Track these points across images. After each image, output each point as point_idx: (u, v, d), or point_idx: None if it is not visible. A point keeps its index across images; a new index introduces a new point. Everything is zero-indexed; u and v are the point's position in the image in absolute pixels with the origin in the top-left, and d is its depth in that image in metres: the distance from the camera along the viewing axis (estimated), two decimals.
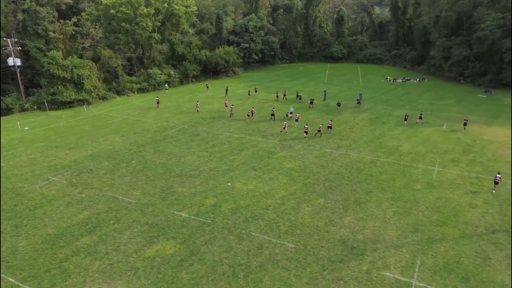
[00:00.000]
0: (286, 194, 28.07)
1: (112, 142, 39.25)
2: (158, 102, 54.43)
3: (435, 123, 45.09)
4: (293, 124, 44.66)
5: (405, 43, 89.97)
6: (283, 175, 31.43)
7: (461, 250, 21.43)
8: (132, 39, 62.75)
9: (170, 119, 47.80)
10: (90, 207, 26.32)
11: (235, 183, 30.00)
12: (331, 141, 39.48)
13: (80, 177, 31.08)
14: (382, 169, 32.52)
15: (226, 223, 24.24)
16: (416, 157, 35.06)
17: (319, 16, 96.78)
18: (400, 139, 39.91)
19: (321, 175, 31.24)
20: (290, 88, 65.83)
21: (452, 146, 37.67)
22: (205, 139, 40.11)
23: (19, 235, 23.12)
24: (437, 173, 31.60)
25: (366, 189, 28.85)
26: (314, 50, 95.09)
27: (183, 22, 69.19)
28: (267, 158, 34.97)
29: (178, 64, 70.12)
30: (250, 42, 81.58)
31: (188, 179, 30.70)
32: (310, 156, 35.36)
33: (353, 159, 34.56)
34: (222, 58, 72.60)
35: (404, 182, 29.90)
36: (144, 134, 41.81)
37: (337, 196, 27.72)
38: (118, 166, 33.39)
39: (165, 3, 64.93)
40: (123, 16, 60.92)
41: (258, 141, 39.39)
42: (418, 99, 57.81)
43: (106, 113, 50.81)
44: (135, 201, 27.12)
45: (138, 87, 62.31)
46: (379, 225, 23.94)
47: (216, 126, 44.74)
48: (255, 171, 32.23)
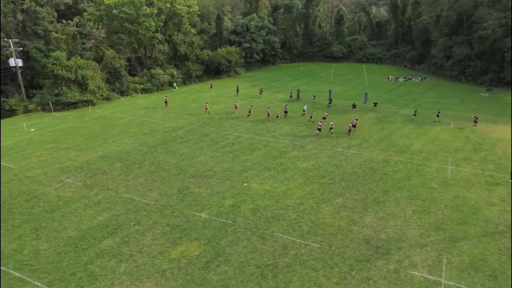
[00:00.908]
0: (303, 194, 28.06)
1: (122, 144, 38.92)
2: (166, 101, 54.19)
3: (442, 122, 45.40)
4: (309, 121, 45.70)
5: (404, 43, 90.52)
6: (298, 174, 31.41)
7: (485, 248, 21.59)
8: (135, 39, 62.30)
9: (177, 119, 47.54)
10: (108, 209, 26.07)
11: (251, 183, 29.92)
12: (341, 140, 39.56)
13: (95, 179, 30.77)
14: (396, 168, 32.66)
15: (247, 224, 24.15)
16: (428, 155, 35.26)
17: (319, 15, 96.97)
18: (410, 138, 40.12)
19: (336, 175, 31.28)
20: (293, 87, 65.84)
21: (462, 145, 37.96)
22: (215, 140, 39.95)
23: (40, 238, 22.82)
24: (451, 171, 31.81)
25: (382, 188, 28.94)
26: (314, 50, 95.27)
27: (185, 22, 68.87)
28: (280, 158, 34.93)
29: (181, 64, 69.77)
30: (252, 42, 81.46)
31: (203, 180, 30.55)
32: (322, 156, 35.40)
33: (365, 158, 34.66)
34: (224, 58, 72.41)
35: (419, 181, 30.05)
36: (153, 135, 41.53)
37: (355, 196, 27.77)
38: (131, 167, 33.12)
39: (168, 3, 64.59)
40: (125, 16, 60.46)
41: (269, 141, 39.34)
42: (422, 98, 58.18)
43: (112, 114, 50.39)
44: (153, 202, 26.92)
45: (142, 87, 61.88)
46: (400, 224, 24.03)
47: (224, 126, 44.59)
48: (269, 171, 32.17)
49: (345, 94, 60.05)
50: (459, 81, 68.57)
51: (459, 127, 43.52)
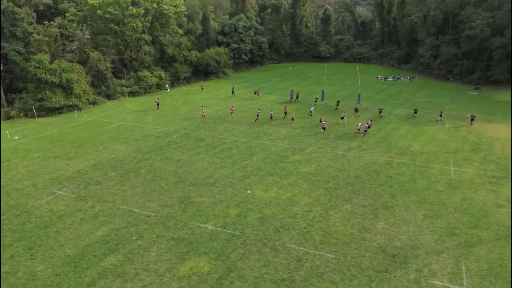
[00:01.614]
0: (310, 201, 27.19)
1: (114, 151, 37.16)
2: (158, 104, 52.56)
3: (437, 122, 45.44)
4: (318, 125, 44.00)
5: (390, 42, 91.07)
6: (301, 180, 30.54)
7: (501, 253, 21.21)
8: (121, 40, 60.16)
9: (169, 124, 45.96)
10: (107, 223, 24.52)
11: (254, 190, 28.86)
12: (340, 143, 38.94)
13: (88, 190, 29.06)
14: (399, 170, 32.22)
15: (256, 235, 23.09)
16: (429, 156, 35.01)
17: (306, 15, 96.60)
18: (408, 139, 39.88)
19: (341, 179, 30.57)
20: (284, 89, 65.14)
21: (460, 145, 37.94)
22: (212, 144, 38.68)
23: (35, 258, 21.12)
24: (454, 172, 31.59)
25: (389, 192, 28.39)
26: (301, 50, 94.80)
27: (172, 22, 67.06)
28: (281, 162, 33.99)
29: (169, 66, 67.94)
30: (240, 43, 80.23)
31: (204, 188, 29.29)
32: (324, 159, 34.66)
33: (367, 161, 34.12)
34: (213, 59, 70.95)
35: (425, 183, 29.66)
36: (146, 141, 39.89)
37: (363, 201, 27.10)
38: (127, 176, 31.52)
39: (154, 3, 62.67)
40: (110, 17, 58.29)
41: (267, 145, 38.34)
42: (413, 97, 58.37)
43: (100, 119, 48.33)
44: (154, 214, 25.51)
45: (129, 90, 59.83)
46: (413, 230, 23.46)
47: (219, 130, 43.33)
48: (271, 176, 31.19)
49: (337, 95, 59.65)
50: (447, 80, 69.32)
51: (455, 126, 43.63)
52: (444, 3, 68.88)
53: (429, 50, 71.68)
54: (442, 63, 70.02)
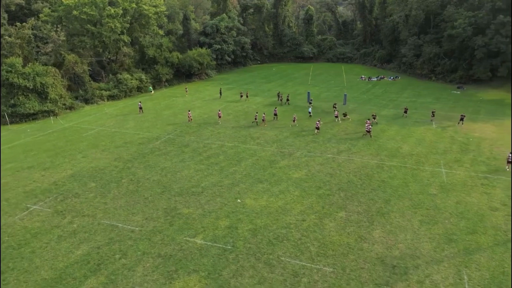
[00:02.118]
0: (303, 209, 26.12)
1: (93, 159, 35.16)
2: (140, 108, 50.64)
3: (424, 122, 45.24)
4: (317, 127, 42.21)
5: (373, 42, 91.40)
6: (292, 186, 29.46)
7: (502, 260, 20.63)
8: (99, 42, 57.72)
9: (152, 129, 44.12)
10: (87, 240, 22.76)
11: (244, 198, 27.58)
12: (329, 146, 38.08)
13: (66, 203, 27.14)
14: (391, 173, 31.55)
15: (249, 248, 21.83)
16: (420, 158, 34.53)
17: (288, 15, 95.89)
18: (397, 140, 39.38)
19: (333, 184, 29.64)
20: (269, 90, 64.08)
21: (449, 145, 37.67)
22: (197, 150, 37.16)
23: (8, 283, 19.25)
24: (445, 175, 31.13)
25: (383, 197, 27.62)
26: (284, 50, 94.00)
27: (152, 23, 64.94)
28: (270, 168, 32.82)
29: (149, 68, 65.76)
30: (222, 43, 78.70)
31: (191, 197, 27.81)
32: (314, 163, 33.69)
33: (358, 164, 33.33)
34: (195, 60, 69.14)
35: (418, 187, 29.05)
36: (127, 148, 38.00)
37: (357, 207, 26.21)
38: (108, 186, 29.69)
39: (133, 3, 60.44)
40: (87, 18, 55.81)
41: (255, 150, 37.10)
42: (399, 97, 58.27)
43: (77, 125, 45.99)
44: (138, 229, 23.89)
45: (108, 94, 57.45)
46: (411, 238, 22.68)
47: (204, 134, 41.81)
48: (261, 183, 29.98)
49: (323, 96, 58.97)
50: (430, 80, 69.74)
51: (442, 127, 43.47)
52: (425, 2, 69.30)
53: (411, 50, 72.01)
54: (425, 62, 70.43)
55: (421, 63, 71.21)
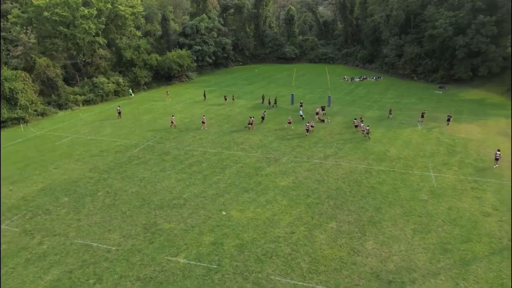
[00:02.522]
0: (292, 220, 24.82)
1: (66, 171, 32.89)
2: (119, 112, 48.46)
3: (409, 123, 44.75)
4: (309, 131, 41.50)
5: (354, 42, 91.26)
6: (280, 195, 28.14)
7: (499, 270, 19.86)
8: (72, 44, 54.93)
9: (130, 135, 42.00)
10: (58, 263, 20.78)
11: (229, 210, 26.08)
12: (315, 150, 36.99)
13: (36, 221, 24.97)
14: (380, 178, 30.65)
15: (236, 267, 20.34)
16: (408, 162, 33.81)
17: (269, 16, 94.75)
18: (383, 143, 38.63)
19: (321, 192, 28.48)
20: (251, 92, 62.66)
21: (436, 147, 37.15)
22: (179, 158, 35.37)
23: None
24: (435, 179, 30.45)
25: (374, 204, 26.62)
26: (266, 51, 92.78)
27: (129, 24, 62.45)
28: (256, 176, 31.41)
29: (127, 71, 63.24)
30: (203, 45, 76.76)
31: (173, 211, 26.11)
32: (301, 170, 32.47)
33: (346, 170, 32.31)
34: (175, 62, 66.97)
35: (408, 193, 28.22)
36: (103, 157, 35.84)
37: (348, 217, 25.11)
38: (82, 201, 27.62)
39: (108, 3, 57.88)
40: (59, 19, 52.98)
41: (239, 156, 35.62)
42: (382, 98, 57.87)
43: (50, 133, 43.36)
44: (115, 248, 22.05)
45: (84, 99, 54.73)
46: (405, 249, 21.69)
47: (186, 141, 40.03)
48: (247, 193, 28.53)
49: (307, 98, 57.92)
50: (412, 79, 69.85)
51: (427, 128, 43.04)
52: (405, 3, 69.44)
53: (393, 50, 72.01)
54: (407, 62, 70.52)
55: (403, 63, 71.28)
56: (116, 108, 49.91)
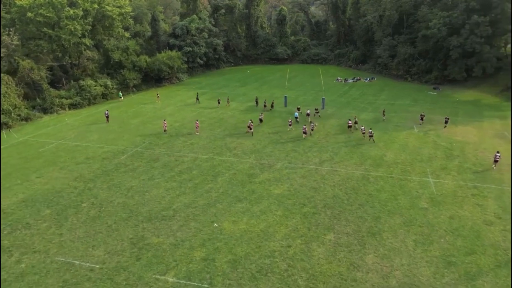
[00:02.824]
0: (287, 232, 23.59)
1: (50, 180, 31.24)
2: (107, 116, 46.93)
3: (406, 126, 43.82)
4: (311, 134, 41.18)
5: (347, 42, 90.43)
6: (274, 204, 26.90)
7: (507, 286, 18.85)
8: (57, 46, 53.02)
9: (117, 141, 40.40)
10: (37, 285, 19.28)
11: (222, 222, 24.77)
12: (310, 155, 35.84)
13: (15, 236, 23.38)
14: (378, 185, 29.59)
15: (229, 285, 19.05)
16: (405, 167, 32.81)
17: (261, 16, 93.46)
18: (380, 147, 37.62)
19: (318, 200, 27.30)
20: (244, 95, 61.34)
21: (433, 151, 36.24)
22: (168, 165, 33.93)
23: None
24: (434, 185, 29.48)
25: (372, 213, 25.52)
26: (258, 52, 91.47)
27: (117, 25, 60.63)
28: (249, 183, 30.13)
29: (115, 73, 61.44)
30: (193, 46, 75.18)
31: (161, 223, 24.70)
32: (296, 176, 31.27)
33: (342, 176, 31.20)
34: (165, 64, 65.34)
35: (407, 200, 27.18)
36: (89, 165, 34.24)
37: (346, 227, 23.96)
38: (65, 213, 26.06)
39: (95, 3, 56.06)
40: (43, 20, 51.08)
41: (232, 162, 34.30)
42: (377, 100, 56.98)
43: (34, 139, 41.56)
44: (99, 266, 20.59)
45: (70, 102, 52.88)
46: (407, 262, 20.60)
47: (176, 146, 38.58)
48: (240, 202, 27.24)
49: (299, 100, 56.79)
50: (405, 80, 69.14)
51: (423, 131, 42.16)
52: (398, 3, 68.71)
53: (386, 51, 71.23)
54: (400, 63, 69.81)
55: (396, 64, 70.56)
56: (104, 112, 48.26)
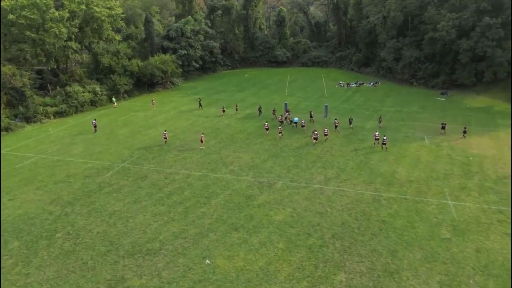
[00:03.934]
0: (291, 271, 20.30)
1: (23, 203, 27.89)
2: (95, 126, 43.79)
3: (416, 137, 40.58)
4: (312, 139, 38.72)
5: (348, 44, 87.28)
6: (275, 234, 23.63)
7: None
8: (41, 50, 49.63)
9: (103, 155, 37.04)
10: None
11: (215, 257, 21.49)
12: (314, 171, 32.56)
13: None
14: (391, 209, 26.35)
15: None
16: (420, 186, 29.58)
17: (259, 17, 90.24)
18: (390, 161, 34.38)
19: (324, 229, 24.05)
20: (242, 100, 57.98)
21: (449, 167, 33.02)
22: (157, 184, 30.61)
23: None
24: (454, 209, 26.26)
25: (387, 246, 22.28)
26: (257, 55, 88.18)
27: (106, 27, 57.27)
28: (247, 207, 26.84)
29: (105, 78, 58.03)
30: (189, 48, 71.84)
31: (145, 259, 21.39)
32: (299, 198, 28.01)
33: (351, 198, 27.94)
34: (158, 68, 61.99)
35: (426, 229, 23.94)
36: (70, 184, 30.87)
37: (359, 265, 20.69)
38: (35, 246, 22.72)
39: (82, 4, 52.70)
40: (26, 22, 47.72)
41: (228, 180, 31.01)
42: (382, 106, 53.74)
43: (12, 153, 38.16)
44: None
45: (55, 110, 49.45)
46: None
47: (167, 161, 35.26)
48: (237, 231, 23.96)
49: (301, 107, 53.53)
50: (411, 85, 65.96)
51: (435, 143, 38.95)
52: (403, 3, 65.59)
53: (391, 54, 68.09)
54: (405, 67, 66.66)
55: (401, 68, 67.41)
56: (91, 122, 44.94)
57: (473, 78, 58.38)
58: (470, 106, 52.91)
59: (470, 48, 55.03)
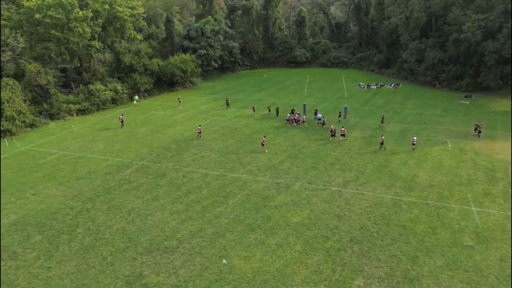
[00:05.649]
0: (308, 273, 20.10)
1: (46, 198, 28.61)
2: (122, 121, 45.22)
3: (438, 141, 39.63)
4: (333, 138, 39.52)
5: (369, 45, 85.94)
6: (292, 236, 23.46)
7: None
8: (66, 49, 50.83)
9: (123, 152, 37.63)
10: None
11: (232, 257, 21.50)
12: (332, 173, 32.21)
13: None
14: (412, 214, 25.78)
15: None
16: (442, 191, 28.84)
17: (279, 17, 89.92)
18: (410, 165, 33.66)
19: (343, 232, 23.72)
20: (260, 101, 57.88)
21: (472, 172, 32.09)
22: (175, 183, 30.87)
23: None
24: (477, 215, 25.48)
25: (407, 252, 21.78)
26: (276, 55, 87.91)
27: (128, 26, 58.22)
28: (264, 208, 26.76)
29: (126, 77, 59.00)
30: (208, 48, 72.25)
31: (163, 257, 21.59)
32: (317, 200, 27.73)
33: (370, 201, 27.48)
34: (178, 67, 62.59)
35: (448, 235, 23.31)
36: (91, 181, 31.49)
37: (377, 270, 20.30)
38: (57, 240, 23.26)
39: (106, 4, 53.74)
40: (52, 22, 48.94)
41: (245, 180, 31.00)
42: (403, 109, 52.69)
43: (36, 149, 39.22)
44: None
45: (78, 108, 50.62)
46: None
47: (185, 160, 35.53)
48: (253, 232, 23.90)
49: (320, 108, 52.65)
50: (434, 87, 64.46)
51: (459, 147, 37.90)
52: (427, 4, 64.11)
53: (413, 55, 66.65)
54: (428, 68, 65.16)
55: (423, 70, 65.91)
56: (118, 117, 46.15)
57: (499, 81, 56.58)
58: (495, 110, 51.26)
59: (496, 50, 53.35)
